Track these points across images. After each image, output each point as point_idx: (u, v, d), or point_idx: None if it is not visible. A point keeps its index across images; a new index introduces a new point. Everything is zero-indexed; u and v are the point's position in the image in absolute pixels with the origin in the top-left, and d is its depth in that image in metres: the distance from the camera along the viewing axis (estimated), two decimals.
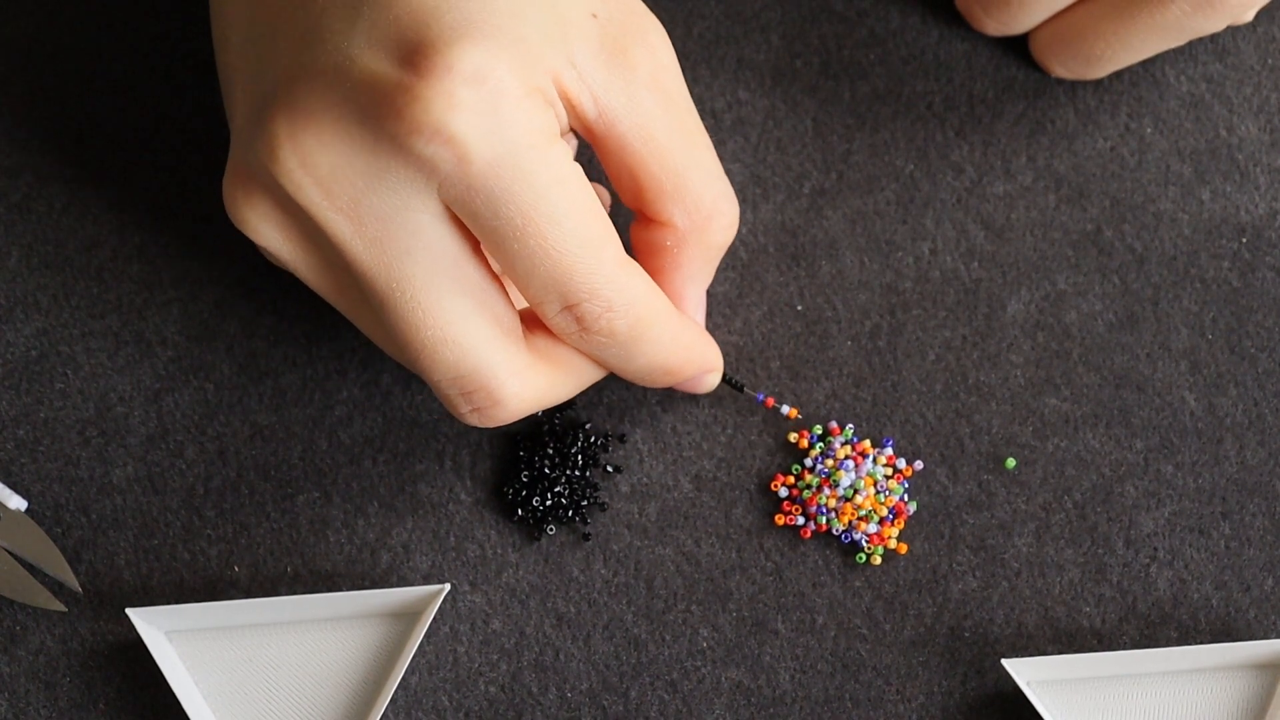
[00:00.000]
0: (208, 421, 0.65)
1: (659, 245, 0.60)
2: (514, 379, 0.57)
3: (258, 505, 0.64)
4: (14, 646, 0.63)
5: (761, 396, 0.63)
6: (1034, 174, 0.66)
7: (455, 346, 0.55)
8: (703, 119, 0.66)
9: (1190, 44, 0.66)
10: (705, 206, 0.59)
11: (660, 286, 0.59)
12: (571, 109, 0.56)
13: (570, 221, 0.54)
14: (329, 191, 0.54)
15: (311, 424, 0.64)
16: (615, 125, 0.57)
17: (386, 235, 0.54)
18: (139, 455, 0.64)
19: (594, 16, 0.56)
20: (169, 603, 0.63)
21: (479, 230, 0.55)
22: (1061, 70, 0.65)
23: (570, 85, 0.56)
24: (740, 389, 0.63)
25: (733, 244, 0.65)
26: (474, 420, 0.57)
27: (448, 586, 0.62)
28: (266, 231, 0.56)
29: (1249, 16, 0.63)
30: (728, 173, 0.65)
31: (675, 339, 0.59)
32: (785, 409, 0.63)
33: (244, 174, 0.56)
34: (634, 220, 0.60)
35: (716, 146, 0.66)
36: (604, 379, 0.62)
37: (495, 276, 0.57)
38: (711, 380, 0.62)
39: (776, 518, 0.63)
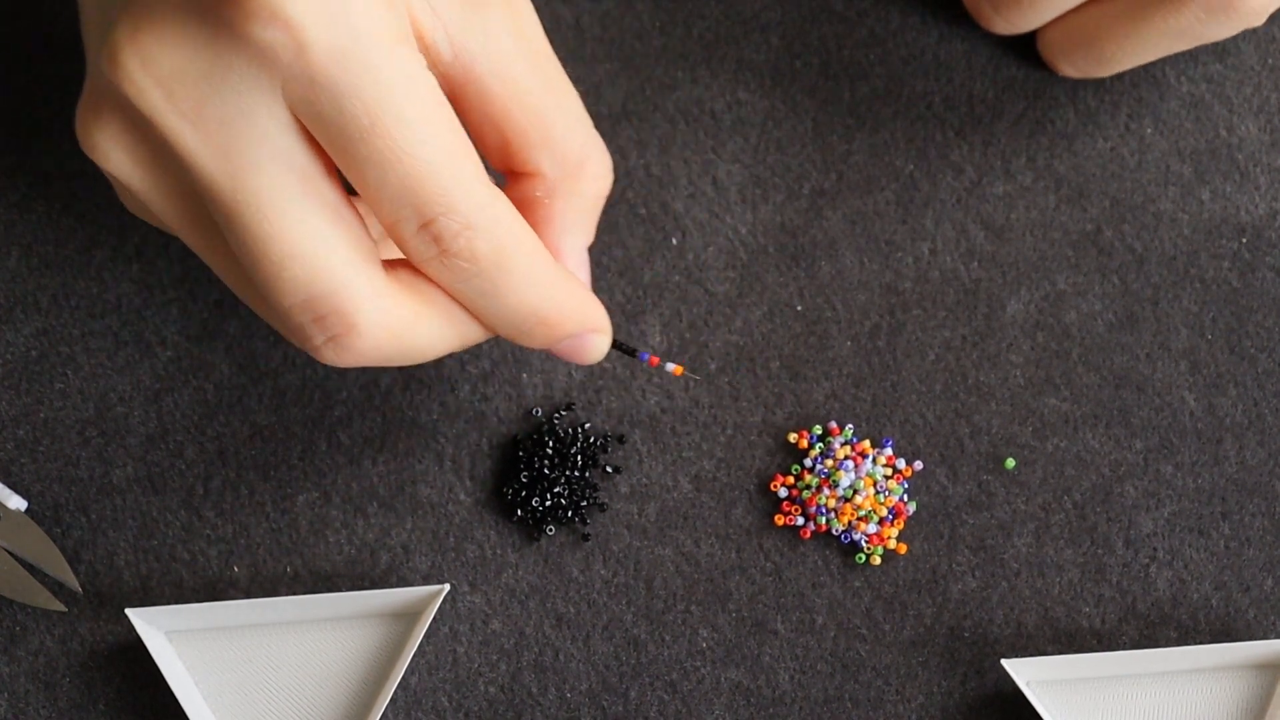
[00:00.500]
0: (207, 422, 0.65)
1: (530, 198, 0.57)
2: (372, 303, 0.53)
3: (257, 505, 0.64)
4: (14, 646, 0.63)
5: (645, 356, 0.60)
6: (1034, 174, 0.66)
7: (305, 263, 0.52)
8: (702, 120, 0.66)
9: None
10: (574, 152, 0.57)
11: None
12: (426, 49, 0.54)
13: (421, 125, 0.52)
14: (171, 94, 0.51)
15: (311, 424, 0.64)
16: (473, 68, 0.54)
17: (231, 143, 0.52)
18: (139, 455, 0.64)
19: None
20: (169, 603, 0.63)
21: (325, 135, 0.52)
22: (1070, 69, 0.65)
23: (424, 20, 0.53)
24: (632, 354, 0.60)
25: (732, 244, 0.65)
26: (330, 354, 0.53)
27: (447, 587, 0.62)
28: (116, 156, 0.54)
29: (1261, 22, 0.63)
30: (727, 174, 0.65)
31: (550, 282, 0.55)
32: (671, 366, 0.60)
33: (93, 98, 0.53)
34: (506, 184, 0.58)
35: (716, 148, 0.66)
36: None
37: (352, 205, 0.54)
38: (599, 344, 0.58)
39: (776, 518, 0.63)
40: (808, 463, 0.63)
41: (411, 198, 0.52)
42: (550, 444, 0.63)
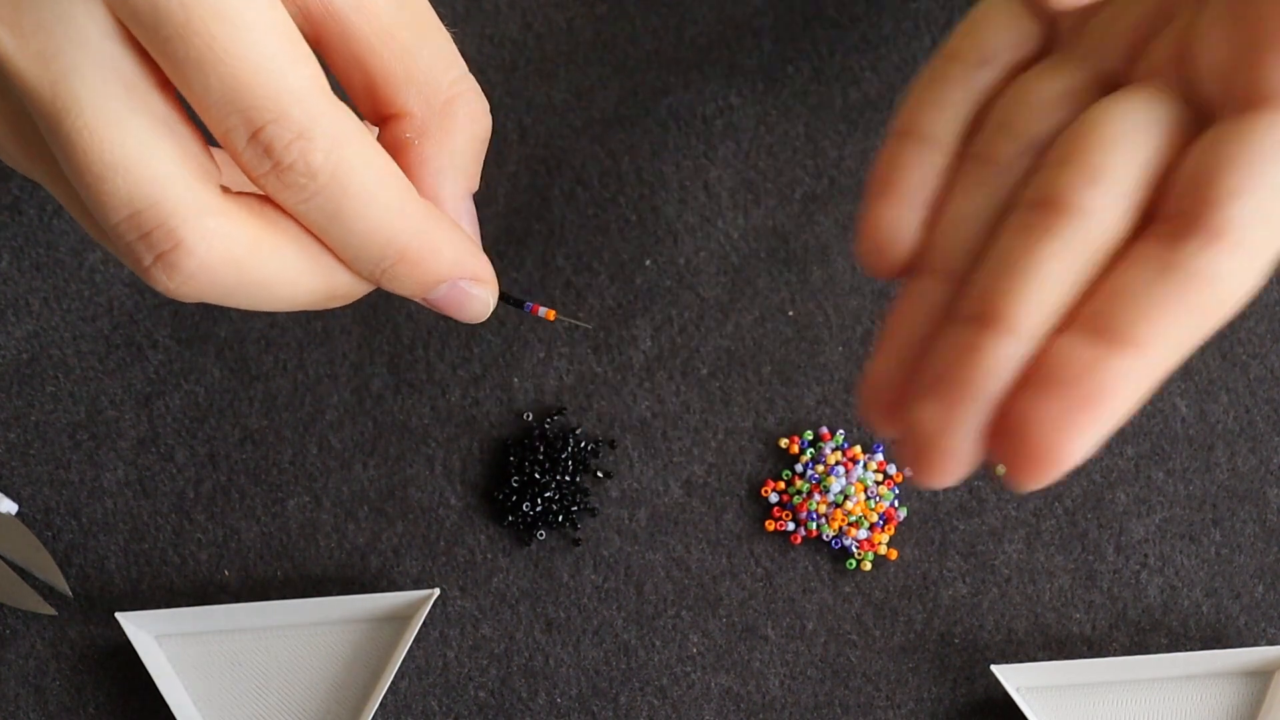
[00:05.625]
0: (198, 425, 0.64)
1: (400, 141, 0.53)
2: (202, 219, 0.49)
3: (248, 509, 0.64)
4: (3, 650, 0.63)
5: (529, 306, 0.57)
6: None
7: (128, 175, 0.49)
8: (694, 124, 0.66)
9: None
10: (443, 90, 0.53)
11: None
12: None
13: (243, 22, 0.48)
14: None
15: (302, 428, 0.64)
16: (333, 2, 0.52)
17: (50, 48, 0.49)
18: (129, 459, 0.64)
19: None
20: (159, 607, 0.63)
21: (145, 35, 0.49)
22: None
23: None
24: (520, 304, 0.56)
25: (724, 249, 0.65)
26: (161, 275, 0.49)
27: (437, 591, 0.62)
28: None
29: None
30: (719, 178, 0.65)
31: (407, 212, 0.51)
32: (543, 311, 0.56)
33: None
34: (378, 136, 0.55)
35: (708, 152, 0.66)
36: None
37: (190, 123, 0.51)
38: (480, 296, 0.53)
39: (767, 523, 0.63)
40: (799, 468, 0.63)
41: (238, 102, 0.49)
42: (541, 448, 0.63)
